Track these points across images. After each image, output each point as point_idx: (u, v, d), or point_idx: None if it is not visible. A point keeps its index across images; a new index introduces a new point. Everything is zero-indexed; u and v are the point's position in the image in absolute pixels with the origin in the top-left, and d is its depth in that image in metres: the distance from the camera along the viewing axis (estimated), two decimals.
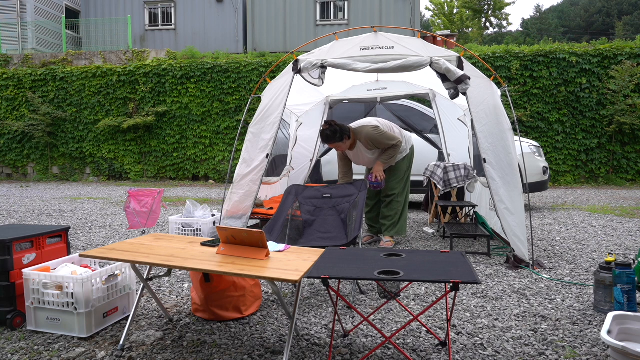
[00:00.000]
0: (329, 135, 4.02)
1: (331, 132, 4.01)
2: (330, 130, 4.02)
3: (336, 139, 4.04)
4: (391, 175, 4.45)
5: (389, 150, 4.22)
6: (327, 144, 4.11)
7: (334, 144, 4.09)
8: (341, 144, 4.11)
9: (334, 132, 4.01)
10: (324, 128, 4.04)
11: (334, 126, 4.04)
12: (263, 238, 2.08)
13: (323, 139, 4.07)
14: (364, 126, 4.22)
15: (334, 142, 4.07)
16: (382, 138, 4.17)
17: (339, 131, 4.05)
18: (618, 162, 10.82)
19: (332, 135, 4.02)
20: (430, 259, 2.03)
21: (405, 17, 16.07)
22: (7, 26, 16.37)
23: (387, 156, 4.26)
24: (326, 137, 4.04)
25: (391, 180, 4.44)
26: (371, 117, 4.87)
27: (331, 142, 4.07)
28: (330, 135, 4.02)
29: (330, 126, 4.02)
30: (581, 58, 10.80)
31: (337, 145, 4.13)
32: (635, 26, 34.91)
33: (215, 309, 2.55)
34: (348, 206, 3.52)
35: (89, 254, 2.16)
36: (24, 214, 6.57)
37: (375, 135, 4.16)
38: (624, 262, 2.62)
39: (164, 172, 12.63)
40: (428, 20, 38.18)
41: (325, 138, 4.05)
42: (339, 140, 4.06)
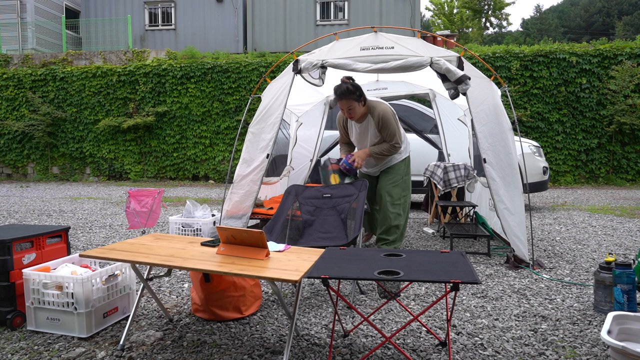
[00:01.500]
0: (350, 89, 3.55)
1: (353, 87, 3.57)
2: (352, 85, 3.58)
3: (355, 96, 3.59)
4: (387, 176, 4.01)
5: (385, 145, 3.82)
6: (341, 99, 3.58)
7: (349, 101, 3.59)
8: (356, 105, 3.63)
9: (355, 88, 3.58)
10: (344, 81, 3.59)
11: (356, 83, 3.63)
12: (263, 238, 2.08)
13: (340, 92, 3.57)
14: (382, 103, 3.78)
15: (349, 99, 3.58)
16: (393, 127, 3.76)
17: (360, 90, 3.62)
18: (618, 162, 10.82)
19: (353, 90, 3.56)
20: (430, 259, 2.03)
21: (405, 17, 16.07)
22: (7, 26, 16.37)
23: (380, 151, 3.81)
24: (345, 91, 3.56)
25: (387, 182, 3.98)
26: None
27: (347, 98, 3.57)
28: (352, 90, 3.55)
29: (352, 81, 3.61)
30: (581, 58, 10.80)
31: (351, 105, 3.62)
32: (635, 26, 34.91)
33: (215, 309, 2.56)
34: (348, 206, 3.52)
35: (89, 254, 2.16)
36: (24, 214, 6.57)
37: (390, 118, 3.71)
38: (624, 262, 2.62)
39: (164, 172, 12.63)
40: (428, 20, 38.18)
41: (344, 92, 3.56)
42: (357, 99, 3.60)
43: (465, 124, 5.70)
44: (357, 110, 3.66)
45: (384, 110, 3.70)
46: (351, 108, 3.63)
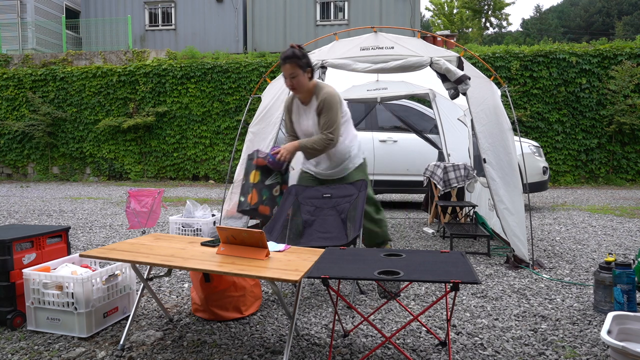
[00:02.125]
0: (296, 53, 3.12)
1: (301, 53, 3.15)
2: (301, 51, 3.16)
3: (301, 62, 3.12)
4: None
5: (317, 138, 3.20)
6: (285, 63, 3.12)
7: (293, 66, 3.11)
8: (300, 73, 3.13)
9: (304, 55, 3.16)
10: (293, 46, 3.18)
11: (304, 50, 3.21)
12: (263, 238, 2.08)
13: (285, 55, 3.14)
14: (331, 86, 3.28)
15: (293, 63, 3.11)
16: (334, 116, 3.18)
17: (309, 60, 3.19)
18: (618, 162, 10.82)
19: (300, 56, 3.13)
20: (430, 259, 2.03)
21: (405, 17, 16.07)
22: (7, 26, 16.37)
23: (311, 145, 3.20)
24: (291, 54, 3.12)
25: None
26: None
27: (291, 62, 3.11)
28: (298, 55, 3.12)
29: (301, 48, 3.19)
30: (581, 58, 10.80)
31: (294, 72, 3.11)
32: (635, 26, 34.90)
33: (215, 309, 2.56)
34: (348, 206, 3.52)
35: (89, 254, 2.16)
36: (24, 214, 6.57)
37: (335, 104, 3.18)
38: (623, 262, 2.62)
39: (164, 172, 12.63)
40: (428, 20, 38.18)
41: (289, 55, 3.12)
42: (302, 66, 3.12)
43: (465, 124, 5.70)
44: (301, 81, 3.14)
45: (330, 93, 3.19)
46: (294, 76, 3.12)
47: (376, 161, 6.93)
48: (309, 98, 3.28)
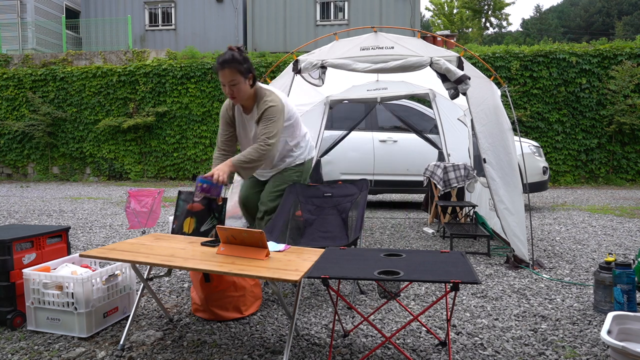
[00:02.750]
0: (236, 57, 2.75)
1: (241, 56, 2.78)
2: (240, 54, 2.78)
3: (242, 67, 2.76)
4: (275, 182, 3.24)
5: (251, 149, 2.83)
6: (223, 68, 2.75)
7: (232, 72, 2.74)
8: (241, 80, 2.78)
9: (244, 59, 2.79)
10: (231, 48, 2.80)
11: (245, 53, 2.84)
12: (263, 238, 2.08)
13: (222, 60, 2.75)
14: (273, 93, 2.93)
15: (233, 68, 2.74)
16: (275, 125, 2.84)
17: (249, 64, 2.83)
18: (618, 162, 10.82)
19: (241, 60, 2.76)
20: (430, 259, 2.03)
21: (405, 17, 16.07)
22: (7, 26, 16.37)
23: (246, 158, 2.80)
24: (230, 59, 2.74)
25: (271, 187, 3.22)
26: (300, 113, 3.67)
27: (230, 67, 2.74)
28: (238, 59, 2.75)
29: (240, 51, 2.81)
30: (581, 58, 10.80)
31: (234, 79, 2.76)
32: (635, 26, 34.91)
33: (215, 309, 2.56)
34: (349, 206, 3.52)
35: (89, 254, 2.16)
36: (24, 214, 6.57)
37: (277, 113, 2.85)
38: (623, 262, 2.62)
39: (164, 172, 12.63)
40: (428, 20, 38.18)
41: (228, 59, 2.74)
42: (243, 72, 2.78)
43: (465, 124, 5.70)
44: (241, 89, 2.80)
45: (272, 102, 2.86)
46: (234, 83, 2.77)
47: (376, 161, 6.94)
48: (251, 106, 2.96)
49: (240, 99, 2.88)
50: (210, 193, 2.57)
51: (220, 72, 2.79)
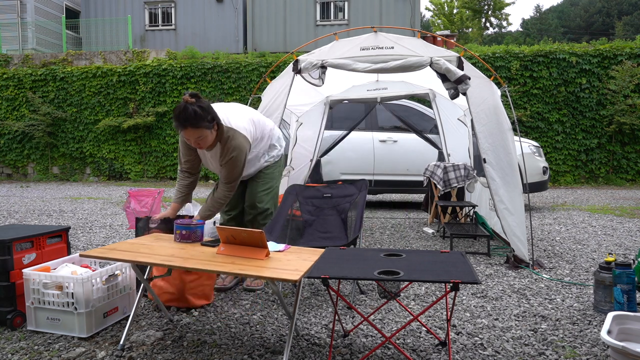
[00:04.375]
0: (198, 114, 2.48)
1: (202, 109, 2.50)
2: (200, 107, 2.50)
3: (206, 122, 2.53)
4: (258, 180, 3.19)
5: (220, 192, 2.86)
6: (186, 128, 2.51)
7: (198, 130, 2.53)
8: (208, 133, 2.60)
9: (207, 110, 2.53)
10: (189, 101, 2.48)
11: (205, 103, 2.55)
12: (263, 238, 2.08)
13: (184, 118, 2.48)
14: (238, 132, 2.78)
15: (199, 127, 2.52)
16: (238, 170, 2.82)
17: (212, 111, 2.60)
18: (618, 162, 10.82)
19: (203, 115, 2.51)
20: (430, 259, 2.03)
21: (405, 17, 16.07)
22: (7, 26, 16.37)
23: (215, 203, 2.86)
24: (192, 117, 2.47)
25: (257, 187, 3.17)
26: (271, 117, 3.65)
27: (196, 127, 2.51)
28: (201, 115, 2.49)
29: (199, 100, 2.52)
30: (581, 58, 10.80)
31: (201, 135, 2.56)
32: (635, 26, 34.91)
33: (190, 297, 2.74)
34: (348, 206, 3.52)
35: (89, 254, 2.16)
36: (24, 214, 6.57)
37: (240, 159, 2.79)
38: (623, 262, 2.62)
39: (164, 172, 12.63)
40: (428, 20, 38.19)
41: (190, 118, 2.47)
42: (208, 125, 2.56)
43: (465, 124, 5.70)
44: (209, 140, 2.63)
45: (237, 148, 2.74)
46: (201, 139, 2.59)
47: (376, 161, 6.94)
48: (213, 145, 2.78)
49: (206, 146, 2.71)
50: (190, 239, 2.41)
51: (183, 131, 2.55)
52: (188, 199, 3.07)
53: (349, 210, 3.48)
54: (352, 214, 3.40)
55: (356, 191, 3.54)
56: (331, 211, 3.55)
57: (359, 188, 3.55)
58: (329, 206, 3.58)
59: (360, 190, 3.52)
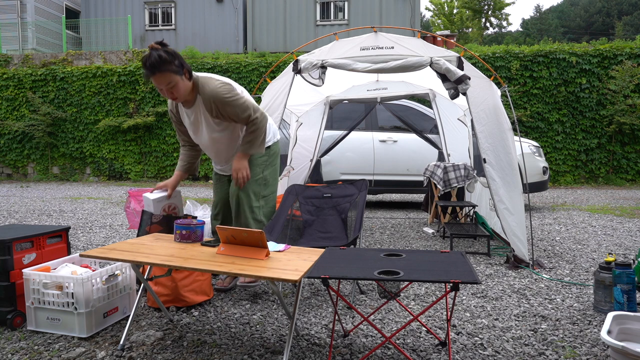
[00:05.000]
0: (164, 58, 2.46)
1: (168, 53, 2.49)
2: (166, 52, 2.49)
3: (174, 66, 2.49)
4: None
5: (249, 128, 2.77)
6: (154, 73, 2.47)
7: (166, 75, 2.48)
8: (178, 79, 2.54)
9: (173, 55, 2.51)
10: (155, 47, 2.49)
11: (171, 49, 2.54)
12: (263, 238, 2.08)
13: (150, 64, 2.45)
14: (210, 78, 2.73)
15: (165, 71, 2.47)
16: (233, 103, 2.68)
17: (179, 57, 2.56)
18: (618, 162, 10.82)
19: (169, 58, 2.48)
20: (430, 259, 2.03)
21: (405, 17, 16.07)
22: (7, 26, 16.37)
23: (251, 140, 2.78)
24: (158, 61, 2.45)
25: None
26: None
27: (162, 71, 2.47)
28: (166, 59, 2.47)
29: (164, 46, 2.52)
30: (581, 58, 10.80)
31: (171, 81, 2.51)
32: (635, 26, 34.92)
33: (187, 294, 2.73)
34: (348, 206, 3.52)
35: (89, 253, 2.16)
36: (24, 214, 6.57)
37: (223, 95, 2.65)
38: (623, 262, 2.62)
39: (164, 172, 12.63)
40: (428, 20, 38.20)
41: (156, 62, 2.45)
42: (177, 70, 2.51)
43: (465, 124, 5.70)
44: (180, 87, 2.57)
45: (212, 89, 2.66)
46: (172, 85, 2.53)
47: (376, 161, 6.94)
48: (192, 98, 2.72)
49: (182, 97, 2.63)
50: (190, 239, 2.41)
51: (152, 78, 2.50)
52: (192, 169, 3.08)
53: (349, 210, 3.48)
54: (352, 214, 3.40)
55: (356, 191, 3.55)
56: (331, 211, 3.55)
57: (359, 188, 3.55)
58: (329, 206, 3.58)
59: (360, 190, 3.52)
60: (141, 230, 2.93)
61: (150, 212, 2.90)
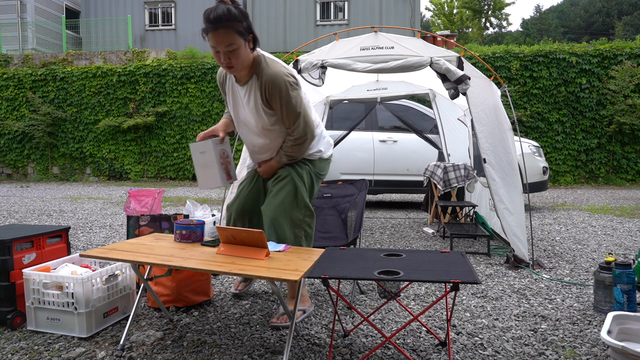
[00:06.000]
0: (232, 13, 2.13)
1: (239, 11, 2.16)
2: (237, 9, 2.17)
3: (241, 26, 2.17)
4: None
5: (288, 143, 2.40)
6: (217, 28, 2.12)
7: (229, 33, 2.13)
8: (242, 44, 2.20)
9: (241, 14, 2.17)
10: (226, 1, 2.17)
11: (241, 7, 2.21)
12: (263, 238, 2.08)
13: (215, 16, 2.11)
14: (278, 62, 2.38)
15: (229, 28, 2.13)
16: (291, 99, 2.29)
17: (247, 20, 2.21)
18: (618, 162, 10.82)
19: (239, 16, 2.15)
20: (430, 259, 2.03)
21: (405, 17, 16.07)
22: (8, 26, 16.37)
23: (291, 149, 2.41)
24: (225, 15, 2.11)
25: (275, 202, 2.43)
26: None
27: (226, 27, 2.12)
28: (236, 16, 2.13)
29: (235, 3, 2.20)
30: (581, 58, 10.80)
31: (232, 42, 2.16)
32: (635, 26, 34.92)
33: (188, 294, 2.73)
34: (348, 206, 3.52)
35: (89, 253, 2.16)
36: (24, 214, 6.57)
37: (281, 84, 2.27)
38: (623, 262, 2.62)
39: (164, 172, 12.64)
40: (428, 20, 38.21)
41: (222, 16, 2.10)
42: (242, 32, 2.18)
43: (465, 124, 5.70)
44: (241, 55, 2.21)
45: (274, 72, 2.27)
46: (233, 48, 2.17)
47: (376, 161, 6.94)
48: (247, 76, 2.35)
49: (239, 68, 2.26)
50: (190, 239, 2.36)
51: (212, 34, 2.14)
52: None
53: (349, 210, 3.48)
54: (352, 214, 3.40)
55: (356, 191, 3.54)
56: (331, 211, 3.56)
57: (359, 188, 3.55)
58: (329, 206, 3.58)
59: (360, 190, 3.52)
60: (130, 235, 2.95)
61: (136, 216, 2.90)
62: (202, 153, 2.42)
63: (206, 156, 2.41)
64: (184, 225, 2.40)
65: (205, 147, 2.42)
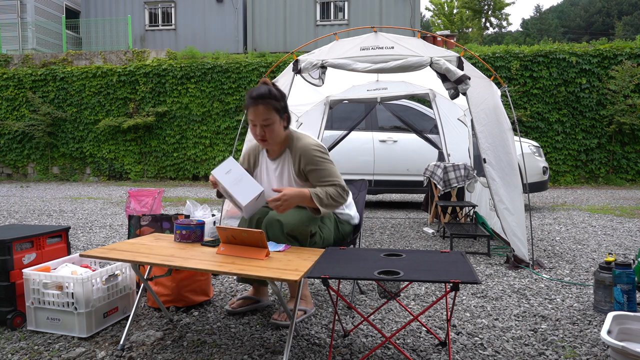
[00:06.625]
0: (273, 93, 2.41)
1: (277, 90, 2.45)
2: (276, 89, 2.45)
3: (279, 104, 2.43)
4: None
5: (332, 189, 2.43)
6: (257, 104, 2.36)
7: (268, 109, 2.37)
8: (277, 119, 2.42)
9: (280, 95, 2.46)
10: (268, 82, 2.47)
11: (280, 89, 2.49)
12: (263, 238, 2.08)
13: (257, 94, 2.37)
14: (307, 135, 2.60)
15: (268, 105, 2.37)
16: (320, 164, 2.45)
17: (286, 102, 2.49)
18: (618, 162, 10.82)
19: (278, 96, 2.44)
20: (430, 258, 2.03)
21: (405, 17, 16.08)
22: (8, 26, 16.38)
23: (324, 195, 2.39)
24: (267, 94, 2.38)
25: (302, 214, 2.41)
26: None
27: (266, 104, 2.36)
28: (275, 95, 2.41)
29: (277, 87, 2.49)
30: (581, 58, 10.80)
31: (269, 117, 2.38)
32: (635, 26, 34.93)
33: (188, 294, 2.73)
34: None
35: (89, 253, 2.16)
36: (24, 214, 6.57)
37: (314, 152, 2.46)
38: (623, 262, 2.62)
39: (164, 172, 12.64)
40: (428, 20, 38.22)
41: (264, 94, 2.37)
42: (279, 110, 2.43)
43: (465, 124, 5.70)
44: (275, 130, 2.42)
45: (307, 143, 2.49)
46: (269, 122, 2.39)
47: (376, 161, 6.94)
48: (278, 151, 2.56)
49: (271, 143, 2.46)
50: (190, 239, 2.37)
51: (252, 109, 2.39)
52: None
53: None
54: None
55: (356, 191, 3.54)
56: None
57: (358, 188, 3.54)
58: None
59: (359, 190, 3.51)
60: (131, 235, 2.95)
61: (137, 216, 2.92)
62: (228, 173, 2.37)
63: (233, 173, 2.36)
64: (184, 225, 2.40)
65: (228, 165, 2.39)
